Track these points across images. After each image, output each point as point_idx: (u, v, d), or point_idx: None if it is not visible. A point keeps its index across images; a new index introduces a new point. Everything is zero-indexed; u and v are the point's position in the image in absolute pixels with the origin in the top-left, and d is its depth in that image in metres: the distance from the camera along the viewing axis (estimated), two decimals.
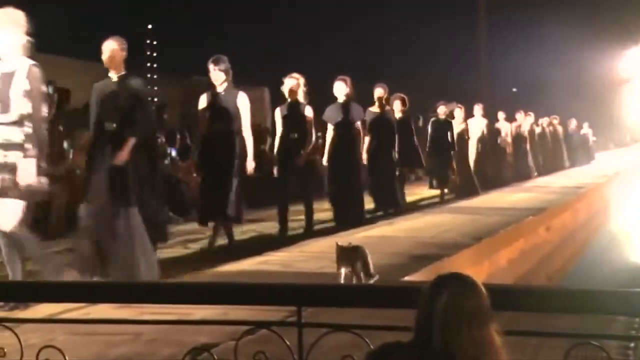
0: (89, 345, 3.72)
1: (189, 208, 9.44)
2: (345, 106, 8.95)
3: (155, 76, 28.18)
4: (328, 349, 2.49)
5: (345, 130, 8.92)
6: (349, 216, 8.67)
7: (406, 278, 5.62)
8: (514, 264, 8.68)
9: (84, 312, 3.96)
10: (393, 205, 10.13)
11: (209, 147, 7.08)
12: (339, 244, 5.02)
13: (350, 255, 4.88)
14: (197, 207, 7.79)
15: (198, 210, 7.67)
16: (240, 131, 7.09)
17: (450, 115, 13.01)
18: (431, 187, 12.74)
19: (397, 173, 10.28)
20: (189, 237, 8.03)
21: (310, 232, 8.24)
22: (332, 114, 9.04)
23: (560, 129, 20.68)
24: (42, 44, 5.03)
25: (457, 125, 13.12)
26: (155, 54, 32.64)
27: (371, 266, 4.92)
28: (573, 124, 22.57)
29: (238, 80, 7.62)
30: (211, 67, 7.07)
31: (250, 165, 7.19)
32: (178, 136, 11.78)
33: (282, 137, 8.35)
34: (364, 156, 9.52)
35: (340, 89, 8.95)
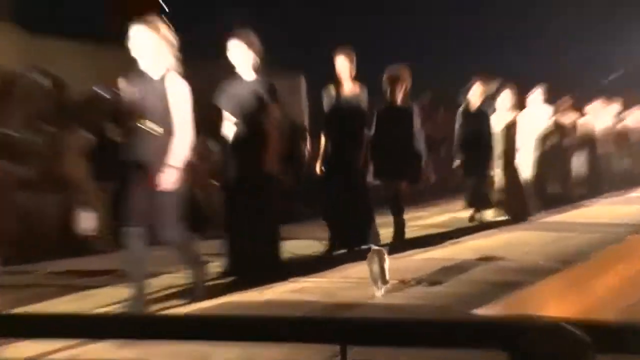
0: None
1: (205, 223, 9.02)
2: (253, 85, 6.91)
3: None
4: None
5: (250, 123, 6.88)
6: (259, 258, 6.98)
7: (476, 310, 5.58)
8: (615, 293, 8.54)
9: (73, 354, 3.90)
10: (360, 241, 8.05)
11: None
12: (372, 247, 5.91)
13: (370, 257, 5.68)
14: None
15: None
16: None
17: (490, 99, 10.83)
18: (467, 206, 11.27)
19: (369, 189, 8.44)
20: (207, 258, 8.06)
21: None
22: (227, 99, 6.98)
23: None
24: None
25: (503, 115, 10.94)
26: None
27: (387, 272, 5.63)
28: None
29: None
30: None
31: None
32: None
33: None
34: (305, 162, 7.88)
35: (240, 57, 6.88)
